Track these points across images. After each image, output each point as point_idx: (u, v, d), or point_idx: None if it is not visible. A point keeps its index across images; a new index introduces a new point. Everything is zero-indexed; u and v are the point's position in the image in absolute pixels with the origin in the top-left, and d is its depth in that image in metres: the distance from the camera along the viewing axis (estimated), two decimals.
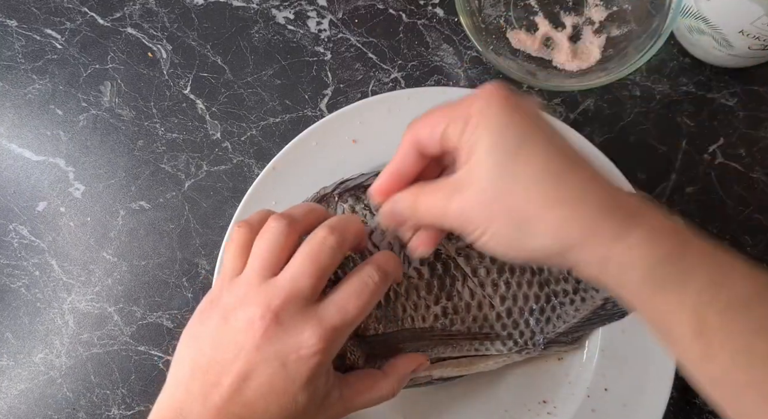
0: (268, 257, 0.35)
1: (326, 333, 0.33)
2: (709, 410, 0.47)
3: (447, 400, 0.46)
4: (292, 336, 0.33)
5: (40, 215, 0.53)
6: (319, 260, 0.34)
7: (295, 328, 0.33)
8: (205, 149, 0.52)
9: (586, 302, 0.44)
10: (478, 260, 0.43)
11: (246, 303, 0.34)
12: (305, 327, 0.33)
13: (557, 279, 0.44)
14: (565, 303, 0.44)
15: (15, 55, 0.54)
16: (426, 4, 0.53)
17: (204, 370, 0.34)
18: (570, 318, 0.44)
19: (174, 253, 0.51)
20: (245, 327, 0.33)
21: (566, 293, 0.44)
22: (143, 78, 0.54)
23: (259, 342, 0.33)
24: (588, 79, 0.47)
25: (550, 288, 0.44)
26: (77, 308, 0.51)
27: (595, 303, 0.44)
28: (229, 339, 0.34)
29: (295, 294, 0.34)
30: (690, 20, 0.47)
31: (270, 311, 0.33)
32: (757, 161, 0.50)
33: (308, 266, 0.34)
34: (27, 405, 0.50)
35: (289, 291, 0.34)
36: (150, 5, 0.54)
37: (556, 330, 0.44)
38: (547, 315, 0.44)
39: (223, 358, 0.33)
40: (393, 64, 0.53)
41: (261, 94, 0.53)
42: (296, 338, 0.33)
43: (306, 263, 0.34)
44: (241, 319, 0.34)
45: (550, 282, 0.44)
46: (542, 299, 0.44)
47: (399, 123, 0.48)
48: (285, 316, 0.33)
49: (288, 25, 0.54)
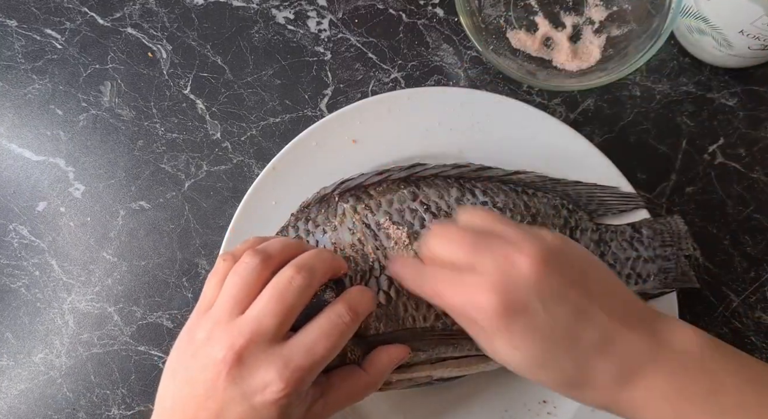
0: (237, 294, 0.35)
1: (292, 374, 0.33)
2: None
3: (447, 400, 0.46)
4: (256, 378, 0.33)
5: (40, 215, 0.53)
6: (284, 300, 0.34)
7: (258, 370, 0.33)
8: (205, 149, 0.52)
9: None
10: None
11: (212, 342, 0.34)
12: (269, 367, 0.33)
13: None
14: None
15: (15, 55, 0.55)
16: (426, 4, 0.53)
17: (182, 406, 0.34)
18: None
19: (174, 253, 0.51)
20: (212, 366, 0.33)
21: None
22: (143, 78, 0.54)
23: (224, 383, 0.33)
24: (588, 79, 0.47)
25: None
26: (77, 308, 0.51)
27: None
28: (200, 377, 0.34)
29: (260, 334, 0.33)
30: (690, 20, 0.47)
31: (233, 351, 0.33)
32: (757, 161, 0.50)
33: (273, 306, 0.34)
34: (27, 405, 0.50)
35: (253, 331, 0.33)
36: (150, 5, 0.54)
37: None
38: None
39: (197, 395, 0.34)
40: (393, 64, 0.53)
41: (261, 94, 0.53)
42: (260, 380, 0.33)
43: (271, 302, 0.34)
44: (208, 357, 0.34)
45: None
46: None
47: (399, 123, 0.48)
48: (248, 357, 0.33)
49: (288, 25, 0.54)
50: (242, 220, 0.47)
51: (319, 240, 0.42)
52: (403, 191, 0.43)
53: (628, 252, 0.44)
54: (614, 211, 0.46)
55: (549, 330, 0.32)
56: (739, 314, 0.48)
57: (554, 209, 0.45)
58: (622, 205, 0.46)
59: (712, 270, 0.49)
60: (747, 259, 0.49)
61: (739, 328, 0.48)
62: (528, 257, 0.32)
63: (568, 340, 0.32)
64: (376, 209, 0.43)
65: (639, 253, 0.44)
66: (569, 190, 0.46)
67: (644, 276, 0.44)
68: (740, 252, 0.49)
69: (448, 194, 0.43)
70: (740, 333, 0.48)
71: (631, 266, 0.44)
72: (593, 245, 0.44)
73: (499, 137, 0.48)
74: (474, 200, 0.44)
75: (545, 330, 0.32)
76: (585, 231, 0.45)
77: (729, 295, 0.49)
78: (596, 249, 0.44)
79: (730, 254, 0.49)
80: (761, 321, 0.48)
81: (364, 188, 0.44)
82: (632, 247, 0.45)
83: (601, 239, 0.45)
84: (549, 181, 0.46)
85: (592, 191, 0.46)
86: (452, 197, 0.43)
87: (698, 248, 0.45)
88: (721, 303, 0.49)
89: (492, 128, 0.48)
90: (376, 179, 0.44)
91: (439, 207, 0.43)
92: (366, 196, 0.43)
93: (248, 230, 0.47)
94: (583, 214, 0.45)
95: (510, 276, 0.32)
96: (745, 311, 0.48)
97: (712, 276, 0.49)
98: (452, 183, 0.44)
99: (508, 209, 0.44)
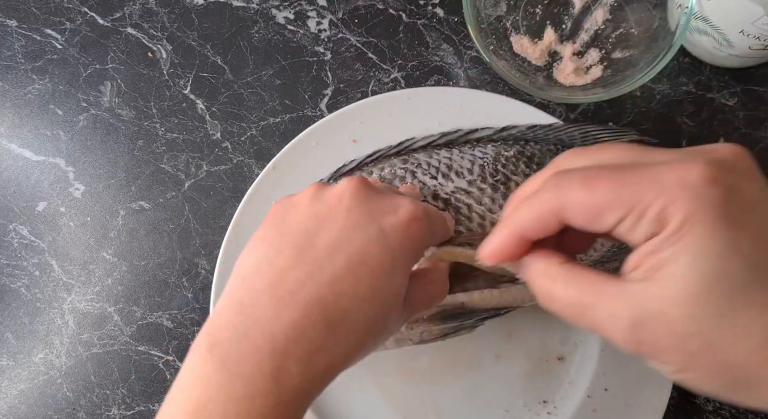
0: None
1: (423, 208, 0.29)
2: (709, 410, 0.47)
3: (447, 400, 0.46)
4: (386, 199, 0.30)
5: (40, 215, 0.53)
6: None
7: (389, 196, 0.30)
8: (205, 149, 0.52)
9: None
10: (479, 192, 0.43)
11: (324, 189, 0.30)
12: (398, 197, 0.30)
13: None
14: None
15: (15, 55, 0.54)
16: (426, 4, 0.53)
17: (271, 259, 0.28)
18: (599, 245, 0.43)
19: (174, 253, 0.51)
20: (329, 198, 0.29)
21: None
22: (143, 78, 0.54)
23: (348, 205, 0.29)
24: (585, 94, 0.47)
25: None
26: (77, 308, 0.51)
27: None
28: (307, 214, 0.29)
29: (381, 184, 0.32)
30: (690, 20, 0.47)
31: (359, 182, 0.30)
32: (757, 161, 0.50)
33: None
34: (27, 405, 0.50)
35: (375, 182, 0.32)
36: (150, 5, 0.54)
37: (589, 257, 0.43)
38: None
39: (307, 230, 0.28)
40: (393, 64, 0.53)
41: (261, 94, 0.53)
42: (391, 201, 0.29)
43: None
44: (327, 197, 0.30)
45: None
46: None
47: (399, 123, 0.48)
48: (376, 188, 0.30)
49: (288, 25, 0.54)
50: (242, 220, 0.47)
51: None
52: (394, 159, 0.45)
53: None
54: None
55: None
56: None
57: (550, 152, 0.45)
58: (617, 139, 0.45)
59: None
60: None
61: None
62: (730, 146, 0.24)
63: None
64: (368, 175, 0.44)
65: None
66: (562, 134, 0.46)
67: None
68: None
69: (437, 154, 0.44)
70: None
71: None
72: None
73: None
74: (462, 154, 0.44)
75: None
76: None
77: None
78: None
79: None
80: None
81: (358, 168, 0.46)
82: None
83: None
84: (540, 130, 0.46)
85: (586, 130, 0.45)
86: (441, 156, 0.44)
87: None
88: None
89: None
90: (368, 160, 0.46)
91: (429, 164, 0.44)
92: (359, 171, 0.45)
93: (248, 230, 0.47)
94: None
95: (721, 157, 0.23)
96: None
97: None
98: (441, 147, 0.45)
99: (501, 156, 0.44)
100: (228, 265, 0.47)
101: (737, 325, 0.21)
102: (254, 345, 0.26)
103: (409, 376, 0.46)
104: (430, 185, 0.43)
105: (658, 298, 0.22)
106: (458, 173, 0.43)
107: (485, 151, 0.44)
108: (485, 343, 0.46)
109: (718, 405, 0.48)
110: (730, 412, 0.48)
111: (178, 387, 0.27)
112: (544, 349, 0.46)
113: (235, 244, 0.47)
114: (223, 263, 0.47)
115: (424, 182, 0.43)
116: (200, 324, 0.50)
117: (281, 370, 0.26)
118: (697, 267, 0.21)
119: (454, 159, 0.44)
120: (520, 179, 0.43)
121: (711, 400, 0.48)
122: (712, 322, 0.22)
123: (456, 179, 0.43)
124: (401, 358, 0.47)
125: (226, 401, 0.26)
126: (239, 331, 0.27)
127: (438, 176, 0.43)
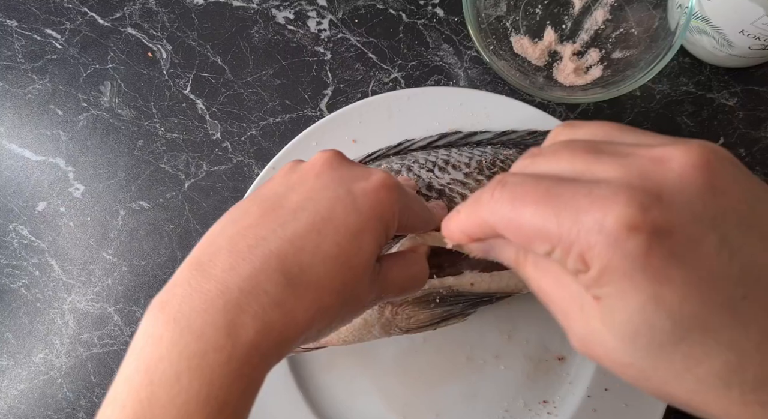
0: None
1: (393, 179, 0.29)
2: None
3: (447, 400, 0.46)
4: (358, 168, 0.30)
5: (40, 215, 0.53)
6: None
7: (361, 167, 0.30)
8: (205, 149, 0.52)
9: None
10: (475, 184, 0.43)
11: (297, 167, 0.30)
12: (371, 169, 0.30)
13: None
14: None
15: (15, 55, 0.54)
16: (426, 4, 0.53)
17: (236, 219, 0.28)
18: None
19: (174, 253, 0.51)
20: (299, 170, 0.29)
21: None
22: (143, 78, 0.54)
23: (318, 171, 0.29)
24: (585, 94, 0.47)
25: None
26: (77, 308, 0.51)
27: None
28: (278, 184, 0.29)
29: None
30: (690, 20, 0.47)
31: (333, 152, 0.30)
32: (757, 161, 0.50)
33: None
34: (27, 405, 0.50)
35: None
36: (150, 5, 0.54)
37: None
38: None
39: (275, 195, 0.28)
40: (393, 64, 0.53)
41: (261, 94, 0.53)
42: (363, 170, 0.29)
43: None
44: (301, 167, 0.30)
45: None
46: None
47: (399, 123, 0.48)
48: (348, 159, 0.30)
49: (288, 25, 0.54)
50: None
51: None
52: (393, 157, 0.46)
53: None
54: None
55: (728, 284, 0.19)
56: None
57: None
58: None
59: None
60: None
61: None
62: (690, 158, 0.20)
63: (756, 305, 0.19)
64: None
65: None
66: None
67: None
68: None
69: (435, 153, 0.45)
70: None
71: None
72: None
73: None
74: (460, 153, 0.44)
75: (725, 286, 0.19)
76: None
77: None
78: None
79: None
80: None
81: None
82: None
83: None
84: (540, 136, 0.46)
85: None
86: (439, 156, 0.45)
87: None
88: None
89: (492, 128, 0.48)
90: (367, 159, 0.46)
91: (427, 159, 0.44)
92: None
93: None
94: None
95: (663, 181, 0.20)
96: None
97: None
98: (440, 148, 0.46)
99: (500, 154, 0.44)
100: None
101: (671, 369, 0.20)
102: (206, 298, 0.26)
103: (409, 376, 0.46)
104: (425, 177, 0.43)
105: (600, 322, 0.21)
106: (455, 167, 0.44)
107: (484, 150, 0.45)
108: (485, 343, 0.46)
109: None
110: None
111: (131, 351, 0.26)
112: (544, 349, 0.46)
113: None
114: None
115: (420, 174, 0.43)
116: None
117: (235, 324, 0.25)
118: (619, 318, 0.20)
119: (452, 156, 0.44)
120: None
121: None
122: (645, 363, 0.21)
123: (452, 171, 0.43)
124: (401, 358, 0.47)
125: (178, 358, 0.25)
126: (192, 286, 0.26)
127: (434, 169, 0.44)
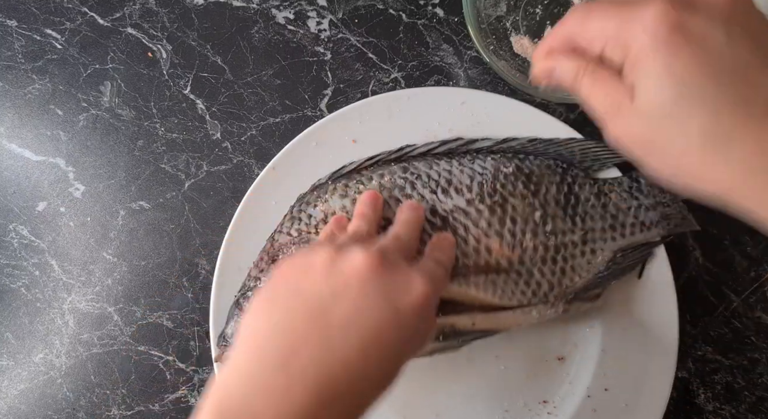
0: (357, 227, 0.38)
1: (433, 287, 0.32)
2: (709, 410, 0.47)
3: (447, 400, 0.46)
4: (400, 274, 0.32)
5: (40, 215, 0.53)
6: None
7: (402, 273, 0.32)
8: (205, 149, 0.52)
9: (597, 254, 0.44)
10: (477, 214, 0.43)
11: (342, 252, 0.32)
12: (411, 275, 0.32)
13: (563, 231, 0.44)
14: (576, 255, 0.44)
15: (15, 55, 0.54)
16: (426, 4, 0.53)
17: (285, 329, 0.30)
18: (584, 272, 0.44)
19: (174, 253, 0.51)
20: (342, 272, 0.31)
21: (575, 244, 0.44)
22: (143, 78, 0.54)
23: (365, 276, 0.30)
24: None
25: (557, 240, 0.44)
26: (77, 308, 0.51)
27: (606, 256, 0.44)
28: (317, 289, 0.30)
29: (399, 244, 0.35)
30: None
31: (377, 254, 0.31)
32: None
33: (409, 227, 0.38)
34: (27, 405, 0.50)
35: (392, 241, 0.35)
36: (150, 5, 0.54)
37: (575, 284, 0.44)
38: (560, 265, 0.44)
39: (311, 307, 0.30)
40: (393, 64, 0.53)
41: (261, 94, 0.53)
42: (405, 278, 0.31)
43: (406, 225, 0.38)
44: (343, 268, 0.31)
45: (556, 234, 0.44)
46: (551, 249, 0.44)
47: (399, 123, 0.48)
48: (390, 261, 0.32)
49: (288, 25, 0.54)
50: (242, 220, 0.47)
51: (311, 213, 0.44)
52: (394, 166, 0.45)
53: (629, 202, 0.45)
54: (609, 165, 0.46)
55: (721, 65, 0.27)
56: (739, 314, 0.48)
57: (549, 169, 0.45)
58: (616, 158, 0.46)
59: (712, 270, 0.49)
60: (747, 259, 0.49)
61: (739, 328, 0.48)
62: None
63: (743, 84, 0.26)
64: (368, 182, 0.44)
65: (640, 201, 0.45)
66: (562, 149, 0.46)
67: (648, 224, 0.45)
68: (740, 252, 0.49)
69: (437, 165, 0.45)
70: (740, 332, 0.48)
71: (634, 214, 0.45)
72: (594, 198, 0.45)
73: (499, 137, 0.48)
74: (461, 168, 0.44)
75: (718, 65, 0.26)
76: (583, 186, 0.45)
77: (729, 295, 0.49)
78: (597, 202, 0.45)
79: (730, 254, 0.49)
80: (761, 321, 0.48)
81: (357, 171, 0.46)
82: (632, 196, 0.45)
83: (601, 192, 0.45)
84: (540, 143, 0.46)
85: (586, 146, 0.46)
86: (441, 167, 0.45)
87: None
88: (721, 303, 0.49)
89: (492, 128, 0.48)
90: (367, 163, 0.46)
91: (429, 176, 0.44)
92: (358, 174, 0.45)
93: (248, 230, 0.47)
94: (578, 171, 0.46)
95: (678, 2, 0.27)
96: (745, 311, 0.48)
97: (712, 276, 0.49)
98: (441, 157, 0.46)
99: (500, 173, 0.44)
100: (228, 265, 0.47)
101: (672, 129, 0.28)
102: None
103: (409, 377, 0.46)
104: (428, 199, 0.44)
105: (630, 113, 0.29)
106: (457, 189, 0.44)
107: (485, 166, 0.45)
108: (485, 343, 0.46)
109: (718, 405, 0.48)
110: (730, 412, 0.48)
111: None
112: (544, 349, 0.46)
113: (235, 244, 0.47)
114: (223, 263, 0.47)
115: (423, 195, 0.44)
116: (200, 324, 0.50)
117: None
118: (642, 84, 0.28)
119: (454, 172, 0.45)
120: (518, 200, 0.44)
121: (711, 400, 0.48)
122: (653, 126, 0.28)
123: (455, 195, 0.44)
124: None
125: None
126: (247, 402, 0.28)
127: (437, 190, 0.44)
